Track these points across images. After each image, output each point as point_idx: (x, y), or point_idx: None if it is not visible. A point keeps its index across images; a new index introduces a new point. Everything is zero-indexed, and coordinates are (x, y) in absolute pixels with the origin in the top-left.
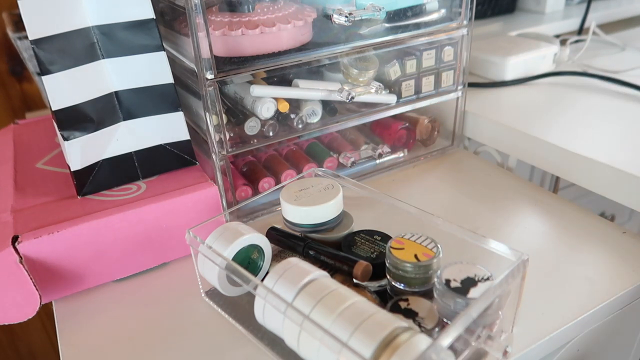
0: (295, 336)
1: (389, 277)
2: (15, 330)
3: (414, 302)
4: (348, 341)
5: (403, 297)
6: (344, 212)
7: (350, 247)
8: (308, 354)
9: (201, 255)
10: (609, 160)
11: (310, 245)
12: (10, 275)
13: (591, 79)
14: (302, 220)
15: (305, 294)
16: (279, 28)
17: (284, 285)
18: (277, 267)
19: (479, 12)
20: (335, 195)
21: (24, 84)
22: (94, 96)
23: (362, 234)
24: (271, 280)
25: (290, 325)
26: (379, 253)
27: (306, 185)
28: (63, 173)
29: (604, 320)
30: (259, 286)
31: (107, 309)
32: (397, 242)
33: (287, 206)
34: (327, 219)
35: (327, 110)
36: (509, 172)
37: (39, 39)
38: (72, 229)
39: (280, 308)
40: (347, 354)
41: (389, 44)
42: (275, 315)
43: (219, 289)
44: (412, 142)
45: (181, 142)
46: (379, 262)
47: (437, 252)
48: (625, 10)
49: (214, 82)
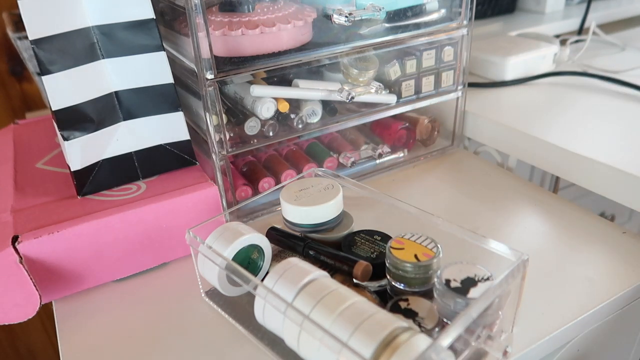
0: (295, 336)
1: (389, 277)
2: (15, 330)
3: (414, 302)
4: (348, 341)
5: (403, 297)
6: (344, 212)
7: (350, 247)
8: (308, 354)
9: (201, 255)
10: (609, 160)
11: (310, 245)
12: (10, 275)
13: (591, 79)
14: (302, 220)
15: (305, 294)
16: (279, 28)
17: (284, 285)
18: (277, 267)
19: (479, 12)
20: (335, 195)
21: (24, 84)
22: (94, 96)
23: (362, 234)
24: (271, 280)
25: (290, 325)
26: (379, 253)
27: (306, 185)
28: (63, 173)
29: (604, 320)
30: (259, 286)
31: (107, 309)
32: (397, 242)
33: (287, 206)
34: (327, 219)
35: (327, 110)
36: (509, 172)
37: (39, 39)
38: (72, 229)
39: (280, 308)
40: (347, 354)
41: (389, 44)
42: (275, 315)
43: (219, 289)
44: (412, 142)
45: (181, 142)
46: (379, 262)
47: (437, 252)
48: (625, 10)
49: (214, 82)
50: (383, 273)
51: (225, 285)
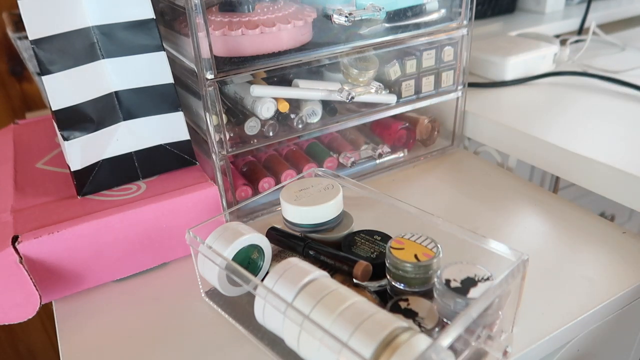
0: (295, 336)
1: (389, 277)
2: (15, 330)
3: (414, 302)
4: (348, 341)
5: (403, 297)
6: (344, 212)
7: (350, 247)
8: (308, 354)
9: (201, 255)
10: (609, 160)
11: (310, 245)
12: (10, 275)
13: (591, 79)
14: (302, 220)
15: (305, 294)
16: (279, 28)
17: (284, 285)
18: (277, 267)
19: (479, 12)
20: (335, 195)
21: (24, 84)
22: (94, 96)
23: (362, 234)
24: (271, 280)
25: (290, 325)
26: (379, 253)
27: (306, 185)
28: (63, 173)
29: (603, 320)
30: (259, 286)
31: (107, 309)
32: (397, 242)
33: (287, 206)
34: (327, 219)
35: (327, 110)
36: (509, 172)
37: (39, 39)
38: (72, 229)
39: (280, 308)
40: (347, 354)
41: (389, 44)
42: (275, 315)
43: (219, 289)
44: (412, 142)
45: (181, 142)
46: (379, 262)
47: (437, 252)
48: (625, 10)
49: (214, 82)
50: (383, 273)
51: (225, 285)
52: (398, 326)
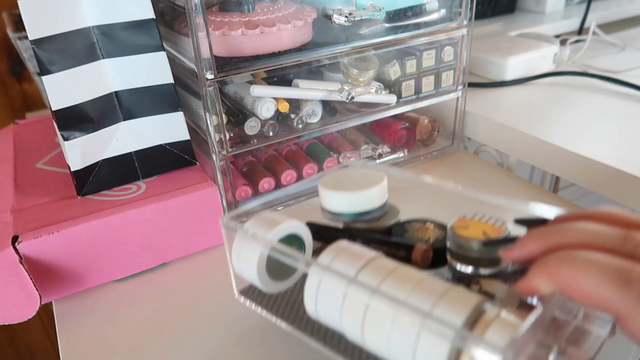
0: (360, 318)
1: (452, 261)
2: (15, 330)
3: (487, 285)
4: (432, 310)
5: (472, 280)
6: (389, 203)
7: (402, 236)
8: (375, 340)
9: (237, 246)
10: (609, 160)
11: (357, 235)
12: (10, 275)
13: (591, 79)
14: (346, 209)
15: (370, 269)
16: (279, 28)
17: (342, 262)
18: (329, 248)
19: (479, 12)
20: (380, 181)
21: (24, 84)
22: (94, 96)
23: (413, 222)
24: (327, 259)
25: (353, 306)
26: (434, 240)
27: (345, 174)
28: (63, 173)
29: None
30: (313, 264)
31: (107, 309)
32: (460, 222)
33: (329, 194)
34: (373, 207)
35: (327, 110)
36: (509, 172)
37: (39, 39)
38: (72, 229)
39: (341, 286)
40: (433, 325)
41: (389, 44)
42: (333, 297)
43: (257, 282)
44: (412, 142)
45: (181, 142)
46: (437, 249)
47: (507, 230)
48: (625, 10)
49: (214, 82)
50: (441, 262)
51: (264, 279)
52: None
